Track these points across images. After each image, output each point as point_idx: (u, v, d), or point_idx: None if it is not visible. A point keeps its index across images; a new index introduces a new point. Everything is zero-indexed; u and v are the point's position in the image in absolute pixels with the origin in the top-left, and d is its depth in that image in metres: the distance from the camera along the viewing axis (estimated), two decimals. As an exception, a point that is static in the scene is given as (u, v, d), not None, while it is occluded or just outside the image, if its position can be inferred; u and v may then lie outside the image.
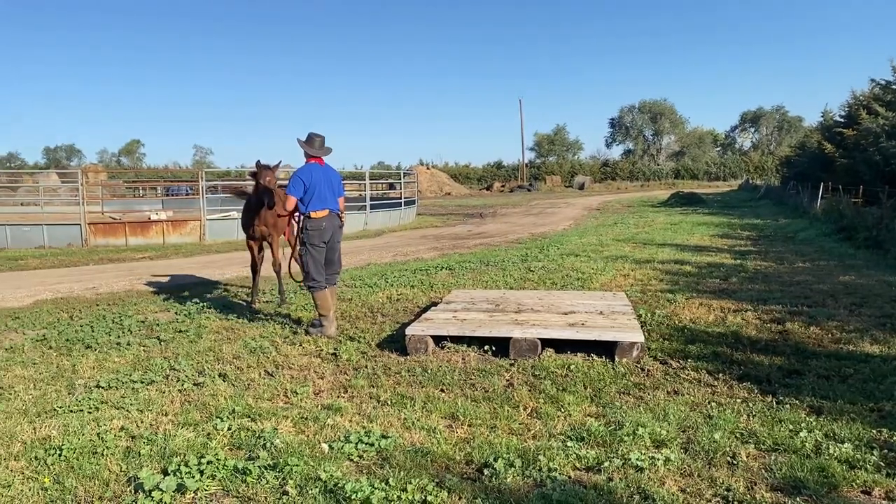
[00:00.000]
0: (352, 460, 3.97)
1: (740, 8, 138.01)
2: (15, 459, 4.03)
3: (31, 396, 5.26)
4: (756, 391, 5.00)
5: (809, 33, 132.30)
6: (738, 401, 4.81)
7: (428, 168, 64.73)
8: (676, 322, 7.16)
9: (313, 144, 7.06)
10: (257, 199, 8.47)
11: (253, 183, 8.73)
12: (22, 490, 3.61)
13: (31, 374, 5.90)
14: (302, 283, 7.35)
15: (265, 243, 9.04)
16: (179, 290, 10.43)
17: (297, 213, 7.12)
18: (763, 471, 3.70)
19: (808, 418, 4.42)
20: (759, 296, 8.61)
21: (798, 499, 3.36)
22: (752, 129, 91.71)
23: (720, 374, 5.39)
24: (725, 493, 3.45)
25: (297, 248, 7.18)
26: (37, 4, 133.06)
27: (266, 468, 3.77)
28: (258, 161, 8.35)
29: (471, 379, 5.45)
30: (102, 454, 4.04)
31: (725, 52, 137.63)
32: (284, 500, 3.43)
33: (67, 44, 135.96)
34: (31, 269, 14.05)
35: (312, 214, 6.92)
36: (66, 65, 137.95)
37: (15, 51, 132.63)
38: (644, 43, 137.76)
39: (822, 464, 3.71)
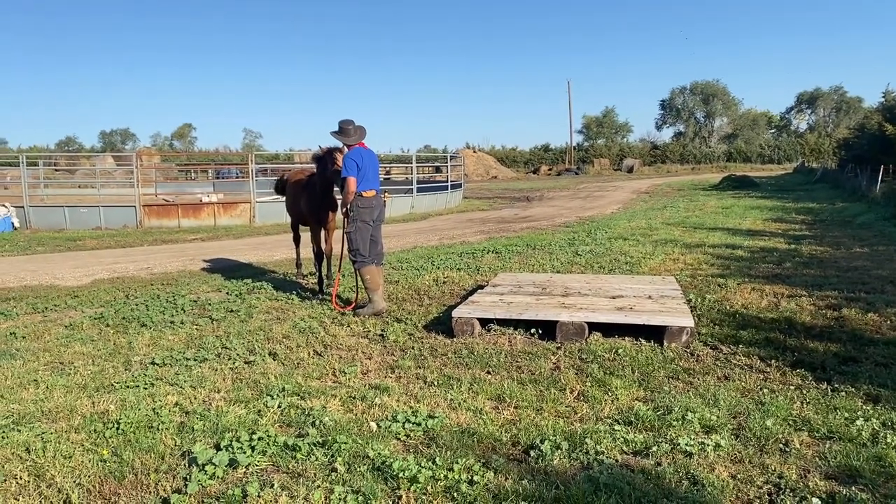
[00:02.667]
0: (399, 439, 4.01)
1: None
2: (76, 432, 4.17)
3: (89, 372, 5.44)
4: (810, 378, 4.88)
5: (870, 9, 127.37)
6: (792, 388, 4.70)
7: (474, 151, 64.56)
8: (727, 307, 7.03)
9: (349, 134, 7.38)
10: (325, 182, 8.15)
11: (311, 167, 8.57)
12: (82, 461, 3.74)
13: (89, 351, 6.10)
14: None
15: (319, 226, 8.63)
16: (230, 270, 10.64)
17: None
18: (817, 459, 3.62)
19: (864, 406, 4.30)
20: (815, 281, 8.39)
21: (853, 488, 3.28)
22: (809, 111, 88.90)
23: (773, 361, 5.28)
24: (777, 480, 3.38)
25: (347, 226, 7.33)
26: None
27: (315, 445, 3.83)
28: (321, 146, 8.13)
29: (517, 361, 5.44)
30: (158, 428, 4.16)
31: (781, 31, 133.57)
32: (333, 477, 3.48)
33: (120, 29, 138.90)
34: (88, 250, 14.50)
35: (364, 194, 7.23)
36: (120, 50, 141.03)
37: (70, 38, 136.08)
38: (696, 22, 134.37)
39: (880, 453, 3.61)
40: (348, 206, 7.24)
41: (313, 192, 8.44)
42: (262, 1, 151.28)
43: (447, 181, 26.58)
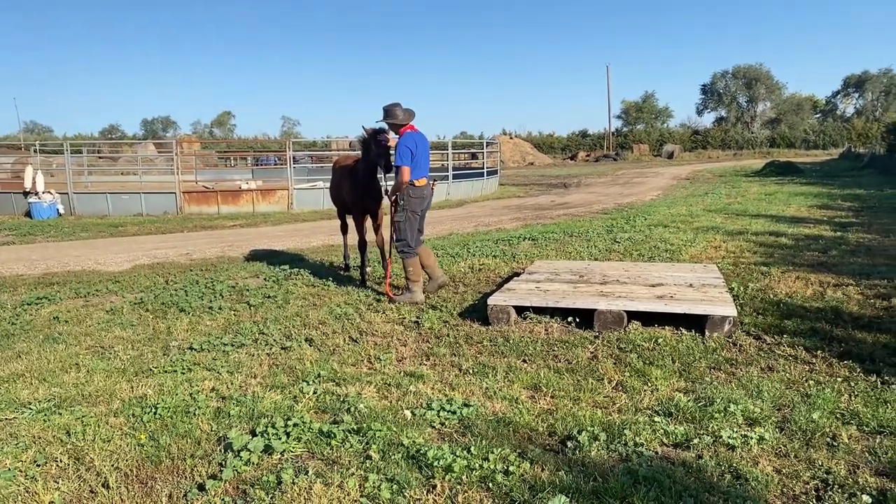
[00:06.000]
0: (434, 427, 3.97)
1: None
2: (114, 416, 4.22)
3: (129, 356, 5.51)
4: (858, 370, 4.72)
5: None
6: (839, 379, 4.55)
7: (511, 137, 64.14)
8: (771, 296, 6.84)
9: (396, 116, 7.06)
10: (370, 167, 7.72)
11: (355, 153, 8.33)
12: (120, 445, 3.79)
13: (129, 336, 6.18)
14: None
15: (364, 215, 8.31)
16: (268, 257, 10.71)
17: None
18: (866, 454, 3.49)
19: (917, 400, 4.14)
20: (862, 270, 8.13)
21: (906, 485, 3.15)
22: (856, 95, 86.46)
23: (819, 352, 5.12)
24: (825, 476, 3.27)
25: (396, 215, 7.16)
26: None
27: (350, 432, 3.82)
28: (365, 128, 7.58)
29: (554, 350, 5.36)
30: (194, 414, 4.19)
31: (827, 12, 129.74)
32: (367, 465, 3.46)
33: (161, 19, 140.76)
34: (130, 236, 14.75)
35: (416, 183, 7.04)
36: (161, 39, 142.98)
37: (114, 28, 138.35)
38: (738, 4, 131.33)
39: (933, 449, 3.46)
40: (398, 196, 7.08)
41: (356, 179, 8.02)
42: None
43: (483, 168, 26.45)
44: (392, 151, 7.40)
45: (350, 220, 9.15)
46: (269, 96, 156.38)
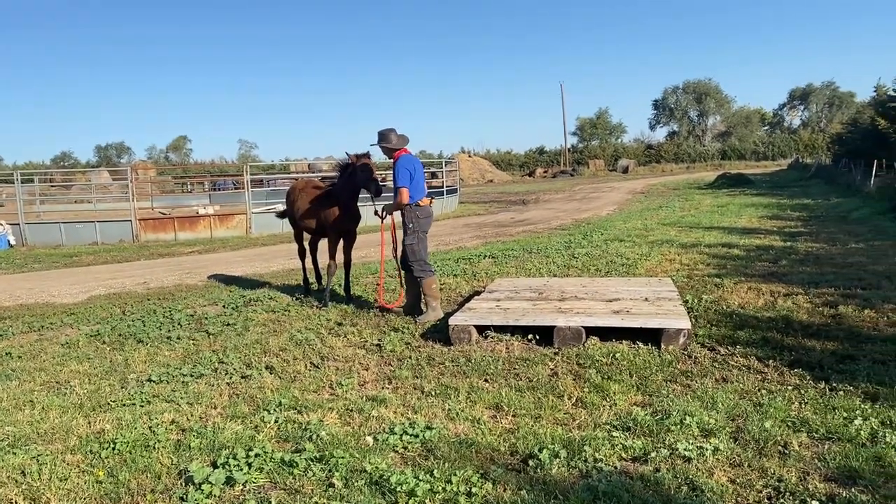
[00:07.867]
0: (396, 452, 3.99)
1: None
2: (71, 453, 4.15)
3: (86, 391, 5.42)
4: (808, 378, 4.87)
5: (859, 2, 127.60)
6: (790, 388, 4.69)
7: (469, 156, 64.58)
8: (724, 307, 7.02)
9: (389, 140, 7.20)
10: (354, 191, 7.91)
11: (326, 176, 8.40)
12: (78, 483, 3.72)
13: (85, 369, 6.07)
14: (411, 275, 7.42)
15: (339, 238, 8.30)
16: (227, 283, 10.62)
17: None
18: (816, 461, 3.60)
19: (863, 405, 4.29)
20: (811, 279, 8.38)
21: (853, 489, 3.27)
22: (802, 107, 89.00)
23: (770, 361, 5.26)
24: (777, 484, 3.37)
25: (406, 238, 7.23)
26: (83, 3, 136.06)
27: (312, 460, 3.81)
28: (349, 154, 7.84)
29: (515, 368, 5.42)
30: (154, 447, 4.14)
31: (772, 27, 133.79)
32: (331, 493, 3.46)
33: (112, 43, 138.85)
34: (84, 266, 14.48)
35: (420, 203, 7.18)
36: (113, 64, 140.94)
37: (63, 53, 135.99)
38: (687, 21, 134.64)
39: (879, 452, 3.60)
40: (408, 220, 7.15)
41: (338, 202, 8.07)
42: (252, 9, 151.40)
43: (443, 186, 26.58)
44: (377, 176, 7.77)
45: (307, 244, 9.18)
46: (225, 120, 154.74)
